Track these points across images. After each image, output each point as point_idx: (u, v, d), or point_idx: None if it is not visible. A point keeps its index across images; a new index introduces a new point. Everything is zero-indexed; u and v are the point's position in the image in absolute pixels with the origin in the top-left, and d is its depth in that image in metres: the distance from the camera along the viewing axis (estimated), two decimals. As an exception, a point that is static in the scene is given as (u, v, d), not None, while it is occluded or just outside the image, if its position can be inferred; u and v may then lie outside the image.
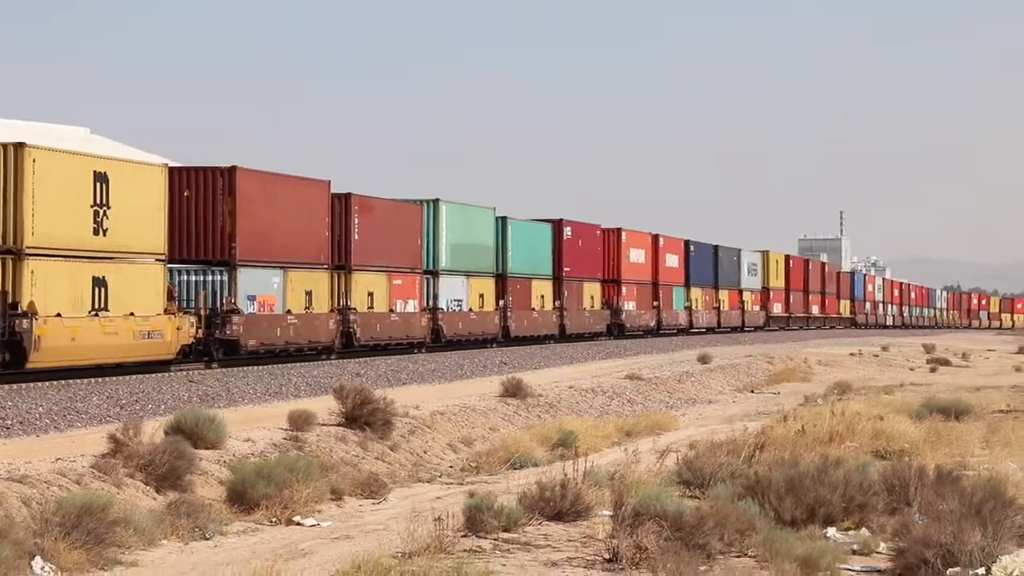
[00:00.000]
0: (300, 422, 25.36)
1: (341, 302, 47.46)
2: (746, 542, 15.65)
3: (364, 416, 26.76)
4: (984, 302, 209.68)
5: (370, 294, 49.30)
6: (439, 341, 54.44)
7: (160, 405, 28.92)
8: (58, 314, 32.55)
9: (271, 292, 43.07)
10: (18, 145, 32.27)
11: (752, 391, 50.49)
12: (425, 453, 27.62)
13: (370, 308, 49.09)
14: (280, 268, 43.57)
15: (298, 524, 19.06)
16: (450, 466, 26.78)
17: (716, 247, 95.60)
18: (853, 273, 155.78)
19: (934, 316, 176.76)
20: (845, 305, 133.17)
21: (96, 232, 34.20)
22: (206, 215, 41.22)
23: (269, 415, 27.26)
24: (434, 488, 23.48)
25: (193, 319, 38.55)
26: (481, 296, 58.97)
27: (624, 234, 77.65)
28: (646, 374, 46.69)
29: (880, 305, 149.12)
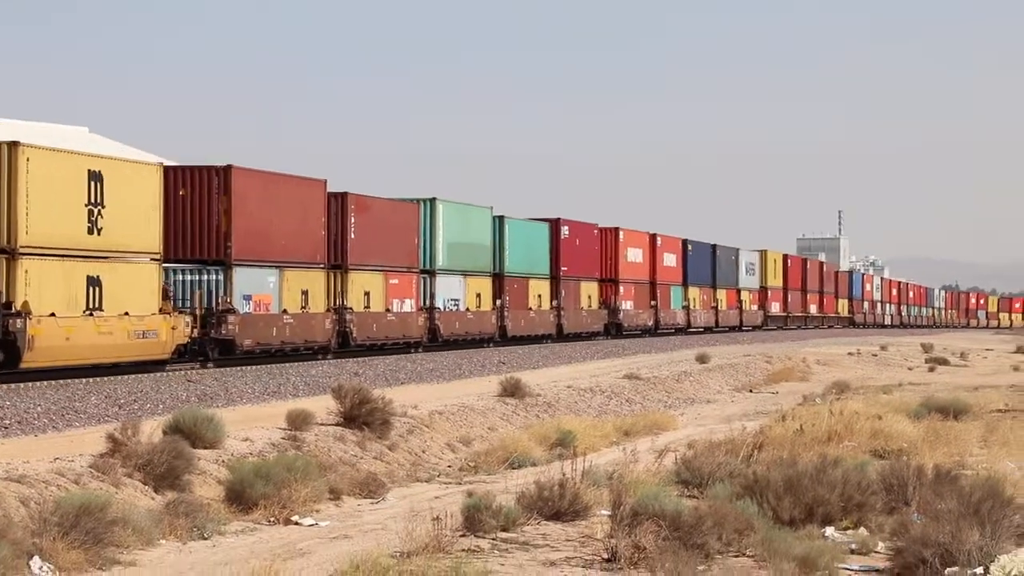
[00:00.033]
0: (298, 422, 25.33)
1: (337, 302, 47.41)
2: (744, 541, 15.66)
3: (362, 416, 26.74)
4: (982, 302, 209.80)
5: (366, 294, 49.26)
6: (436, 341, 54.40)
7: (158, 405, 28.91)
8: (52, 314, 32.48)
9: (267, 292, 43.02)
10: (12, 144, 32.16)
11: (750, 391, 50.50)
12: (423, 453, 27.61)
13: (366, 308, 49.05)
14: (276, 267, 43.53)
15: (296, 524, 19.06)
16: (448, 466, 26.77)
17: (714, 246, 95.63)
18: (851, 272, 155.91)
19: (932, 315, 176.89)
20: (843, 304, 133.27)
21: (91, 231, 34.14)
22: (201, 214, 41.16)
23: (267, 415, 27.25)
24: (432, 488, 23.47)
25: (188, 319, 38.50)
26: (478, 296, 58.95)
27: (622, 233, 77.63)
28: (644, 374, 46.68)
29: (878, 304, 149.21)
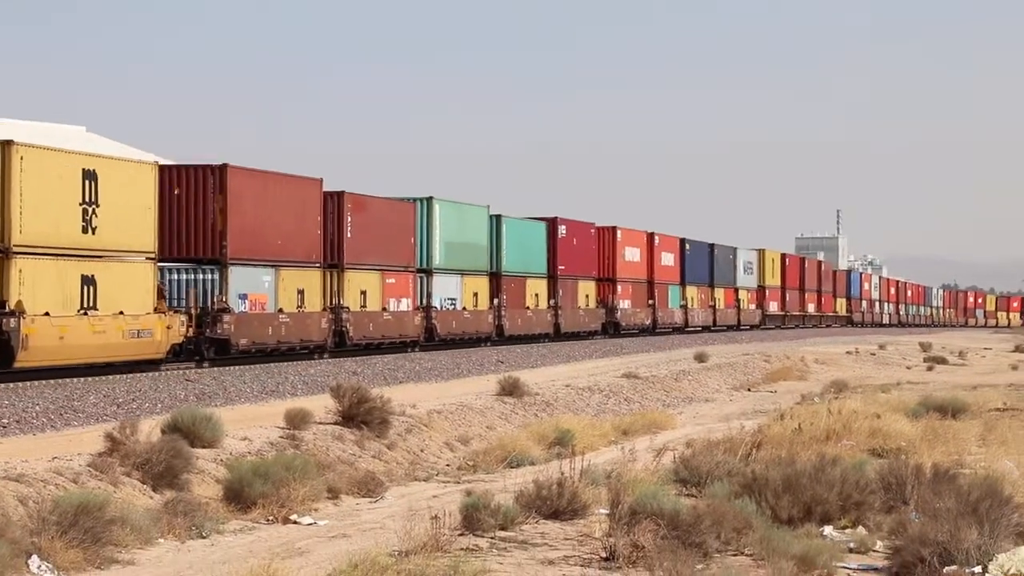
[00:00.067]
0: (297, 421, 25.33)
1: (334, 301, 47.31)
2: (743, 540, 15.66)
3: (361, 415, 26.73)
4: (980, 300, 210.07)
5: (363, 293, 49.20)
6: (432, 340, 54.33)
7: (157, 404, 28.90)
8: (46, 313, 32.39)
9: (262, 291, 42.94)
10: (5, 143, 32.04)
11: (749, 390, 50.51)
12: (422, 452, 27.61)
13: (363, 307, 49.00)
14: (272, 267, 43.43)
15: (295, 523, 19.07)
16: (447, 465, 26.77)
17: (712, 245, 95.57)
18: (849, 271, 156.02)
19: (930, 314, 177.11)
20: (841, 303, 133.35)
21: (85, 230, 34.02)
22: (197, 213, 41.05)
23: (266, 414, 27.25)
24: (431, 487, 23.47)
25: (183, 318, 38.38)
26: (475, 295, 58.92)
27: (619, 232, 77.61)
28: (643, 373, 46.69)
29: (877, 303, 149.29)
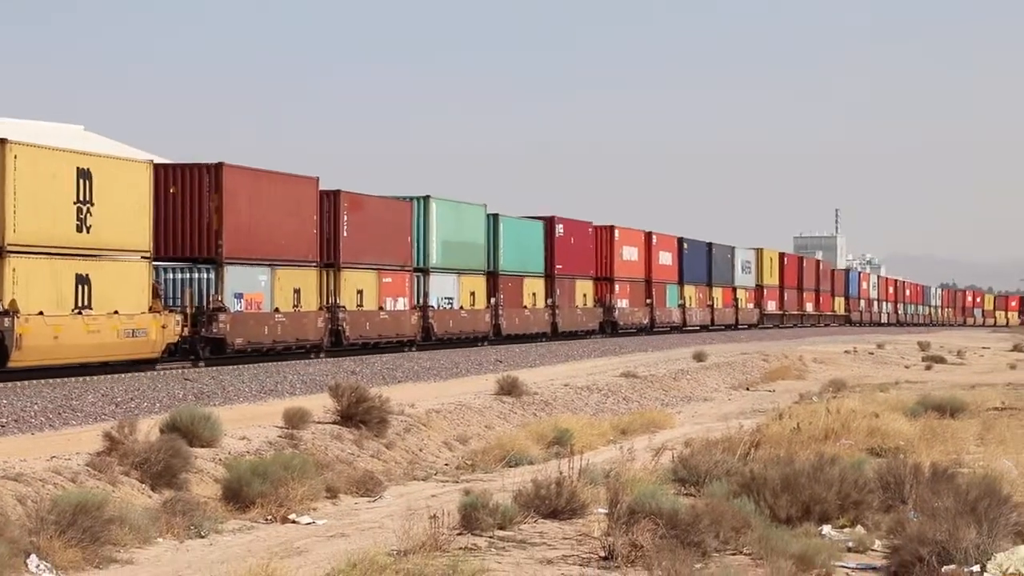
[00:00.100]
0: (295, 420, 25.33)
1: (330, 300, 47.27)
2: (741, 540, 15.65)
3: (359, 414, 26.73)
4: (979, 300, 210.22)
5: (359, 292, 49.16)
6: (429, 339, 54.30)
7: (155, 403, 28.89)
8: (40, 312, 32.32)
9: (258, 290, 42.89)
10: None
11: (747, 389, 50.54)
12: (421, 451, 27.61)
13: (359, 306, 48.95)
14: (268, 266, 43.38)
15: (294, 522, 19.06)
16: (446, 464, 26.77)
17: (710, 245, 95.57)
18: (848, 271, 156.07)
19: (929, 314, 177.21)
20: (840, 303, 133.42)
21: (79, 229, 33.94)
22: (192, 212, 40.96)
23: (264, 413, 27.25)
24: (430, 486, 23.47)
25: (179, 317, 38.34)
26: (472, 294, 58.89)
27: (617, 231, 77.61)
28: (641, 372, 46.69)
29: (875, 303, 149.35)
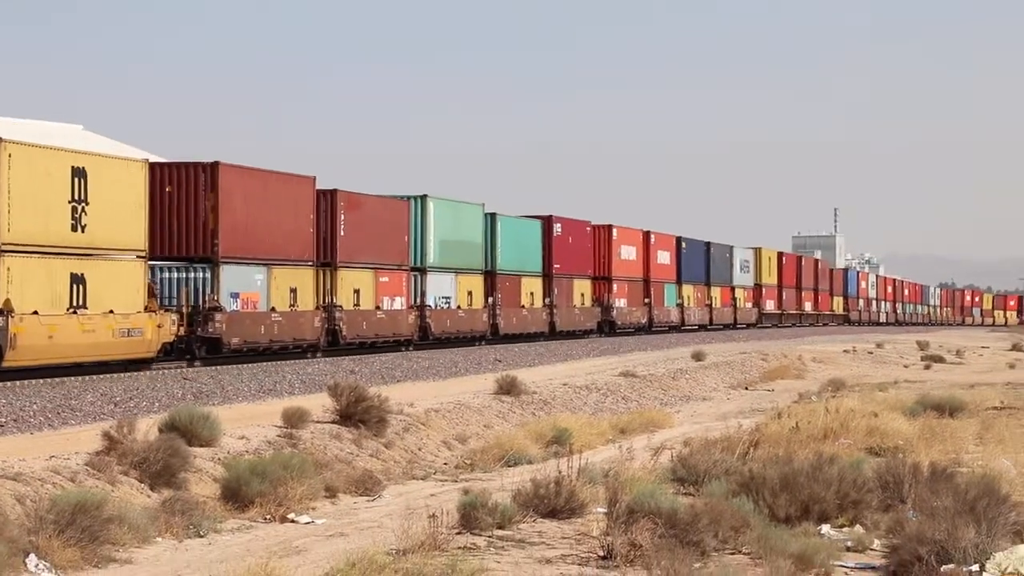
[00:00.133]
0: (294, 419, 25.33)
1: (326, 299, 47.20)
2: (740, 539, 15.66)
3: (358, 413, 26.72)
4: (977, 299, 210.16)
5: (356, 291, 49.10)
6: (426, 339, 54.25)
7: (154, 403, 28.88)
8: (35, 312, 32.25)
9: (255, 289, 42.84)
10: None
11: (746, 388, 50.53)
12: (420, 450, 27.61)
13: (356, 305, 48.89)
14: (264, 265, 43.32)
15: (292, 521, 19.06)
16: (445, 463, 26.76)
17: (708, 244, 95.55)
18: (847, 270, 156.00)
19: (928, 313, 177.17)
20: (838, 302, 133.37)
21: (74, 228, 33.86)
22: (188, 211, 40.90)
23: (263, 412, 27.24)
24: (428, 485, 23.47)
25: (175, 317, 38.30)
26: (470, 293, 58.85)
27: (615, 231, 77.58)
28: (640, 371, 46.69)
29: (874, 302, 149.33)
